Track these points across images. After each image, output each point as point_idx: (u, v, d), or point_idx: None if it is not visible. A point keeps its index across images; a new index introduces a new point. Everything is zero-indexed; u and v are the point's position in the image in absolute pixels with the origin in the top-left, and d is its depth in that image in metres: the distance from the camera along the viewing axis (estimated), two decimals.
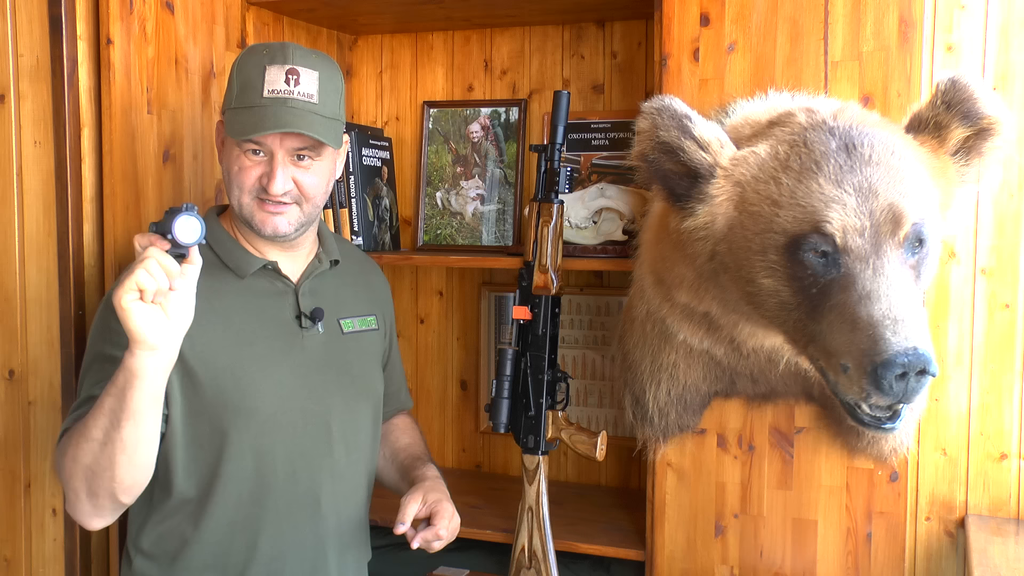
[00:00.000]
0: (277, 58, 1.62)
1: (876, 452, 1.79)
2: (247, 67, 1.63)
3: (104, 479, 1.46)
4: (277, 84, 1.60)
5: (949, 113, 1.56)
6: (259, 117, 1.58)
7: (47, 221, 1.88)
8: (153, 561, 1.66)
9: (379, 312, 1.89)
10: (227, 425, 1.62)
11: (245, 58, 1.66)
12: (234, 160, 1.63)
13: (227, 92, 1.67)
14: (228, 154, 1.64)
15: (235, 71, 1.65)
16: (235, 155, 1.63)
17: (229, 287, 1.67)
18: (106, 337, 1.58)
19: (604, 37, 2.38)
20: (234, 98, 1.63)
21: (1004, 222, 1.83)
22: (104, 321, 1.60)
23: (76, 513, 1.52)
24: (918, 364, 1.35)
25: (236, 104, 1.62)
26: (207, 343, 1.61)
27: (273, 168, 1.60)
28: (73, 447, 1.47)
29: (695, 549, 1.92)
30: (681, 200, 1.61)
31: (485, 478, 2.49)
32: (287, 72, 1.60)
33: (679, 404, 1.88)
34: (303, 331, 1.71)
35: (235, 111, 1.61)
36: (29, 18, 1.86)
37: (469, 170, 2.45)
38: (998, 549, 1.69)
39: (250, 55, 1.66)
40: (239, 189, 1.63)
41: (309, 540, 1.70)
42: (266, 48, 1.65)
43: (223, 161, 1.67)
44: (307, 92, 1.61)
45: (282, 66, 1.61)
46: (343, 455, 1.74)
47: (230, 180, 1.64)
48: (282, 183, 1.60)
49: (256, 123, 1.58)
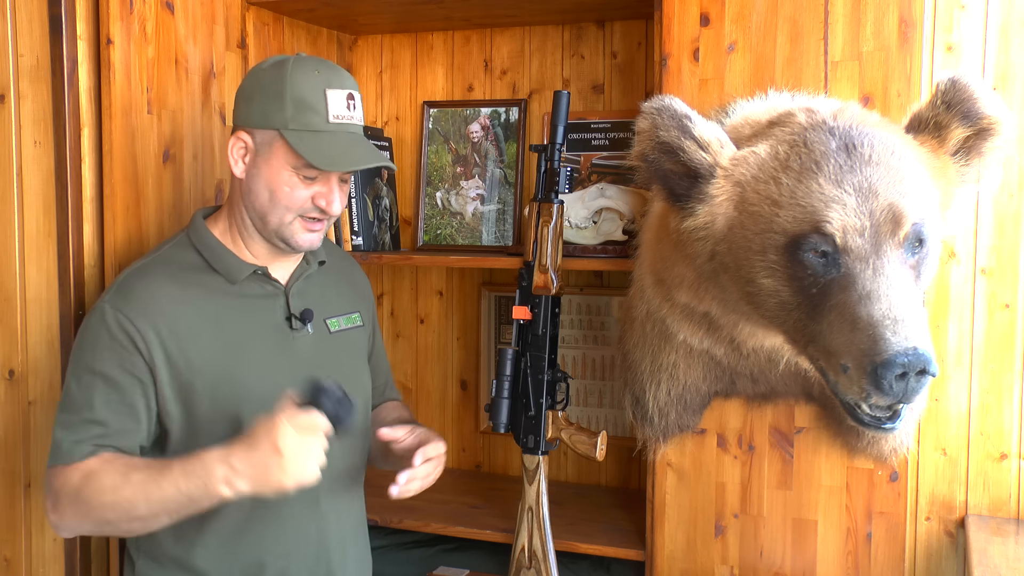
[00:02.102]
0: (335, 82, 1.62)
1: (876, 452, 1.79)
2: (302, 85, 1.59)
3: (113, 529, 1.55)
4: (340, 110, 1.62)
5: (949, 113, 1.56)
6: (331, 145, 1.59)
7: (47, 221, 1.88)
8: (156, 563, 1.67)
9: (362, 308, 1.89)
10: (225, 431, 1.62)
11: (296, 75, 1.60)
12: (284, 181, 1.60)
13: (272, 105, 1.60)
14: (275, 173, 1.61)
15: (286, 86, 1.59)
16: (286, 176, 1.60)
17: (220, 293, 1.66)
18: (98, 354, 1.57)
19: (604, 37, 2.38)
20: (289, 118, 1.58)
21: (1004, 222, 1.83)
22: (110, 338, 1.57)
23: (59, 529, 1.56)
24: (918, 364, 1.35)
25: (297, 126, 1.58)
26: (202, 352, 1.61)
27: (331, 190, 1.63)
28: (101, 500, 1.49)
29: (695, 549, 1.92)
30: (681, 200, 1.61)
31: (485, 478, 2.49)
32: (347, 97, 1.63)
33: (679, 404, 1.88)
34: (294, 333, 1.71)
35: (297, 133, 1.58)
36: (29, 18, 1.86)
37: (469, 170, 2.45)
38: (998, 549, 1.69)
39: (302, 71, 1.60)
40: (286, 209, 1.62)
41: (312, 538, 1.70)
42: (317, 66, 1.62)
43: (262, 178, 1.62)
44: (360, 117, 1.67)
45: (341, 90, 1.62)
46: (338, 453, 1.74)
47: (273, 200, 1.61)
48: (340, 204, 1.65)
49: (332, 157, 1.58)
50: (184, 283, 1.64)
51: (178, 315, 1.60)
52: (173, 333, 1.59)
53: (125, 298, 1.58)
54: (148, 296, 1.59)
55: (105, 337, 1.56)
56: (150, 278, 1.62)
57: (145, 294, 1.59)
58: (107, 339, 1.56)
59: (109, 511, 1.49)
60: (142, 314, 1.57)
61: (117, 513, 1.49)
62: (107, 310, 1.57)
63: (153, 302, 1.59)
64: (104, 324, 1.57)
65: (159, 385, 1.58)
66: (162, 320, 1.58)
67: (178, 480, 1.46)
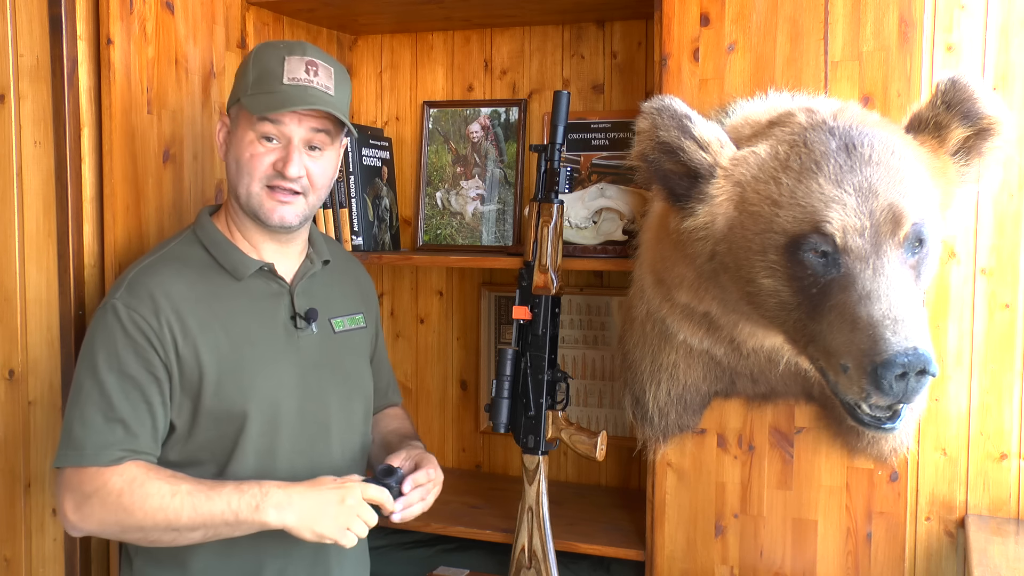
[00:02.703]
0: (296, 51, 1.66)
1: (876, 452, 1.79)
2: (264, 58, 1.66)
3: (142, 540, 1.57)
4: (297, 73, 1.63)
5: (949, 113, 1.56)
6: (282, 97, 1.61)
7: (47, 221, 1.87)
8: (154, 562, 1.67)
9: (366, 309, 1.90)
10: (229, 427, 1.63)
11: (261, 51, 1.68)
12: (246, 147, 1.63)
13: (240, 82, 1.67)
14: (239, 142, 1.64)
15: (250, 63, 1.67)
16: (247, 141, 1.63)
17: (227, 290, 1.67)
18: (114, 351, 1.57)
19: (604, 37, 2.38)
20: (250, 85, 1.64)
21: (1004, 222, 1.83)
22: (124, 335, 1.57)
23: (75, 530, 1.57)
24: (918, 364, 1.35)
25: (253, 91, 1.63)
26: (211, 348, 1.61)
27: (289, 152, 1.63)
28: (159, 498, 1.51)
29: (695, 549, 1.92)
30: (681, 200, 1.61)
31: (485, 478, 2.49)
32: (307, 63, 1.64)
33: (679, 404, 1.88)
34: (298, 332, 1.71)
35: (253, 96, 1.63)
36: (29, 18, 1.86)
37: (469, 170, 2.45)
38: (998, 549, 1.69)
39: (267, 48, 1.68)
40: (249, 176, 1.63)
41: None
42: (283, 43, 1.69)
43: (232, 151, 1.67)
44: (325, 84, 1.65)
45: (301, 58, 1.65)
46: (340, 453, 1.75)
47: (239, 168, 1.64)
48: (298, 167, 1.63)
49: (280, 102, 1.60)
50: (192, 280, 1.64)
51: (188, 311, 1.61)
52: (184, 329, 1.60)
53: (136, 296, 1.59)
54: (159, 293, 1.60)
55: (120, 335, 1.57)
56: (160, 275, 1.63)
57: (157, 291, 1.60)
58: (122, 337, 1.57)
59: (151, 518, 1.50)
60: (154, 311, 1.58)
61: (158, 521, 1.50)
62: (120, 307, 1.58)
63: (164, 299, 1.60)
64: (119, 322, 1.57)
65: (172, 381, 1.60)
66: (173, 317, 1.59)
67: (231, 495, 1.50)
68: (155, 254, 1.69)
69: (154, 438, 1.58)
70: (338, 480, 1.55)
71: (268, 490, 1.51)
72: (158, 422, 1.59)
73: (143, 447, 1.56)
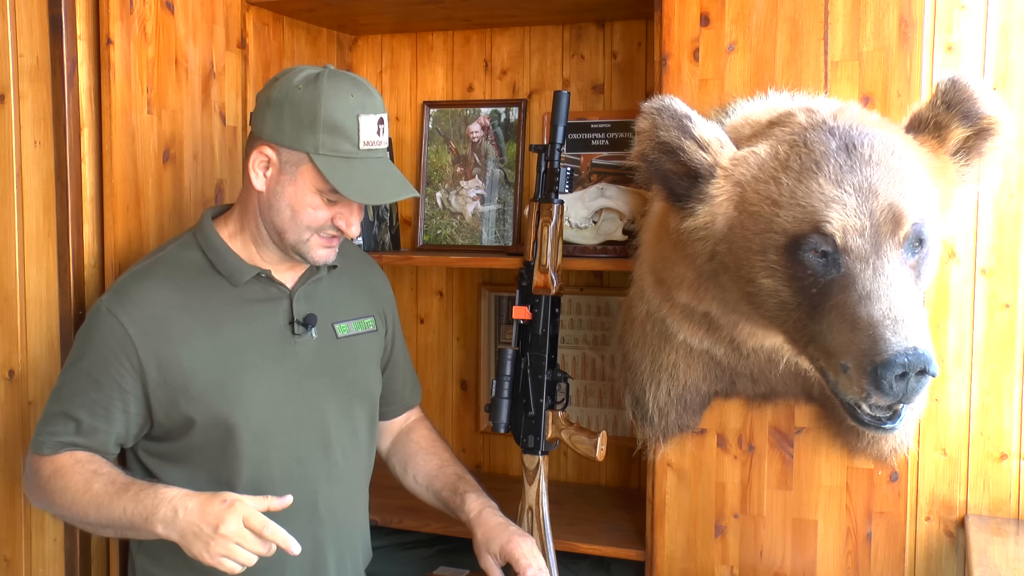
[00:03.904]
0: (368, 106, 1.60)
1: (876, 452, 1.79)
2: (335, 110, 1.57)
3: (83, 527, 1.64)
4: (371, 135, 1.61)
5: (949, 113, 1.56)
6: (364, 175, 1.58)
7: (47, 221, 1.87)
8: (156, 562, 1.68)
9: (378, 312, 1.88)
10: (217, 433, 1.62)
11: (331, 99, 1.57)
12: (308, 203, 1.61)
13: (301, 125, 1.57)
14: (300, 195, 1.61)
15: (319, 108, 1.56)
16: (311, 200, 1.61)
17: (220, 295, 1.66)
18: (85, 352, 1.61)
19: (604, 37, 2.38)
20: (321, 143, 1.57)
21: (1004, 222, 1.83)
22: (101, 339, 1.60)
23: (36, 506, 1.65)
24: (918, 364, 1.35)
25: (327, 151, 1.57)
26: (196, 356, 1.61)
27: (352, 212, 1.64)
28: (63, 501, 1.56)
29: (695, 549, 1.92)
30: (681, 200, 1.61)
31: (485, 478, 2.47)
32: (378, 122, 1.62)
33: (679, 404, 1.88)
34: (296, 337, 1.70)
35: (329, 159, 1.57)
36: (29, 18, 1.85)
37: (469, 170, 2.45)
38: (998, 549, 1.69)
39: (336, 97, 1.58)
40: (308, 229, 1.63)
41: (307, 544, 1.69)
42: (351, 91, 1.59)
43: (285, 198, 1.61)
44: (387, 139, 1.66)
45: (373, 115, 1.61)
46: (340, 459, 1.74)
47: (295, 219, 1.61)
48: (358, 226, 1.66)
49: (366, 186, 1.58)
50: (183, 286, 1.64)
51: (172, 319, 1.61)
52: (165, 337, 1.60)
53: (120, 301, 1.61)
54: (143, 300, 1.61)
55: (96, 338, 1.60)
56: (149, 281, 1.64)
57: (141, 298, 1.61)
58: (98, 341, 1.60)
59: (66, 510, 1.57)
60: (134, 319, 1.59)
61: (73, 513, 1.57)
62: (103, 311, 1.61)
63: (147, 305, 1.60)
64: (97, 326, 1.61)
65: (149, 389, 1.60)
66: (153, 325, 1.60)
67: (127, 504, 1.50)
68: (151, 258, 1.70)
69: (106, 441, 1.61)
70: (228, 502, 1.45)
71: (160, 503, 1.47)
72: (114, 427, 1.60)
73: (88, 442, 1.60)
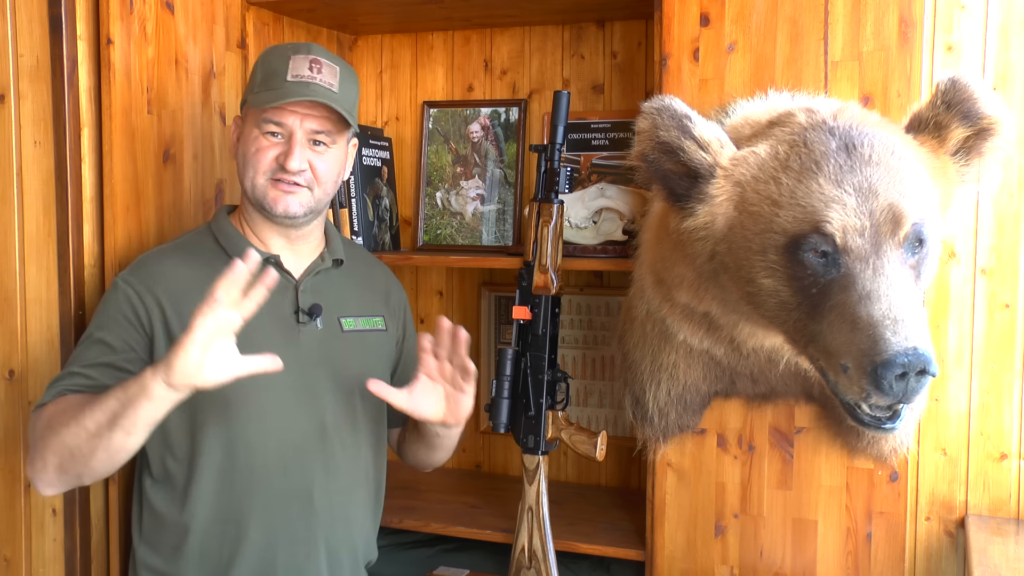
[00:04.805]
0: (301, 50, 1.71)
1: (876, 452, 1.79)
2: (271, 59, 1.72)
3: (79, 463, 1.53)
4: (301, 71, 1.68)
5: (949, 113, 1.56)
6: (283, 92, 1.66)
7: (47, 221, 1.88)
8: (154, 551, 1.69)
9: (388, 315, 1.89)
10: (215, 415, 1.64)
11: (269, 52, 1.75)
12: (252, 142, 1.69)
13: (249, 83, 1.75)
14: (246, 138, 1.71)
15: (258, 64, 1.74)
16: (253, 136, 1.69)
17: None
18: (101, 323, 1.66)
19: (604, 37, 2.38)
20: (257, 84, 1.71)
21: (1004, 222, 1.83)
22: (115, 307, 1.66)
23: (35, 479, 1.59)
24: (918, 364, 1.35)
25: (259, 89, 1.69)
26: None
27: (291, 146, 1.67)
28: (61, 424, 1.53)
29: (695, 549, 1.92)
30: (681, 200, 1.61)
31: (485, 478, 2.49)
32: (311, 61, 1.69)
33: (679, 404, 1.88)
34: (300, 326, 1.72)
35: (258, 93, 1.69)
36: (29, 18, 1.85)
37: (469, 170, 2.45)
38: (998, 549, 1.69)
39: (274, 49, 1.75)
40: (255, 170, 1.69)
41: (301, 534, 1.70)
42: (291, 44, 1.77)
43: (240, 148, 1.73)
44: (329, 81, 1.70)
45: (306, 56, 1.70)
46: (338, 451, 1.75)
47: (246, 162, 1.70)
48: (299, 160, 1.68)
49: (280, 97, 1.65)
50: (195, 265, 1.70)
51: (183, 293, 1.65)
52: (176, 310, 1.65)
53: (136, 273, 1.69)
54: (158, 273, 1.69)
55: (112, 308, 1.67)
56: (164, 257, 1.72)
57: (156, 270, 1.69)
58: (113, 310, 1.66)
59: (71, 436, 1.51)
60: (149, 288, 1.66)
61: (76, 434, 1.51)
62: (119, 283, 1.68)
63: (161, 278, 1.68)
64: (114, 296, 1.68)
65: (155, 357, 1.62)
66: (166, 296, 1.66)
67: (117, 392, 1.50)
68: (169, 243, 1.79)
69: None
70: None
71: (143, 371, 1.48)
72: None
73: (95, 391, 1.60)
